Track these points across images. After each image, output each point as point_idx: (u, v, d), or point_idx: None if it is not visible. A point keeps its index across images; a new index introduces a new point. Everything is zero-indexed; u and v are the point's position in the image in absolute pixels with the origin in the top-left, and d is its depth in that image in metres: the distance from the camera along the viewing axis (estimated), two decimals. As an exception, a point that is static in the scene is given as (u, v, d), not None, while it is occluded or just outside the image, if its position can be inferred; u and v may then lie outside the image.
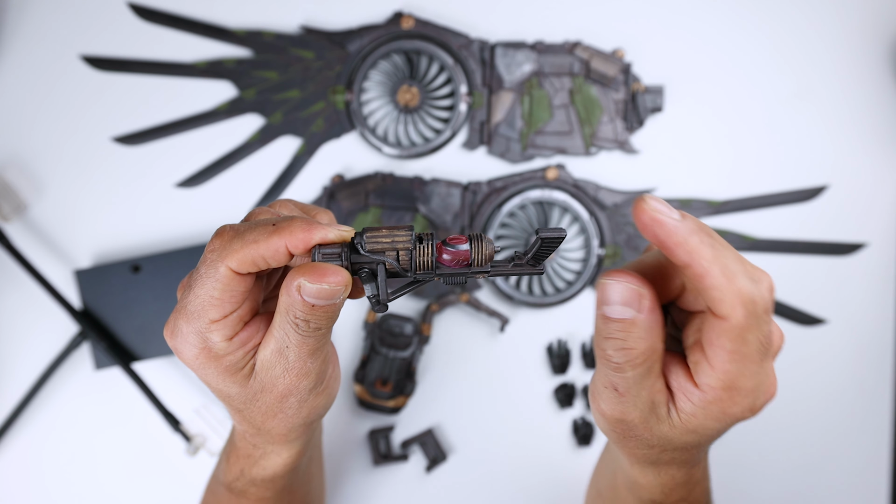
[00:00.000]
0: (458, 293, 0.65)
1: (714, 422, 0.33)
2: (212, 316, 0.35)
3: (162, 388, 0.65)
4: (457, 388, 0.66)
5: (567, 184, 0.65)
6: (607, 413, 0.35)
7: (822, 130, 0.66)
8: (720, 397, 0.32)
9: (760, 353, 0.32)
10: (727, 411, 0.33)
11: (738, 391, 0.32)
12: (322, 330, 0.35)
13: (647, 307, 0.32)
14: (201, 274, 0.35)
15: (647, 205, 0.31)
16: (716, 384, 0.32)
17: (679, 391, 0.34)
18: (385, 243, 0.34)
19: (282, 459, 0.43)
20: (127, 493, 0.66)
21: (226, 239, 0.35)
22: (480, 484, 0.66)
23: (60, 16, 0.67)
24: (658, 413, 0.34)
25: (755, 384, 0.32)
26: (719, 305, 0.30)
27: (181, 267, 0.65)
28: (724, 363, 0.31)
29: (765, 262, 0.66)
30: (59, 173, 0.67)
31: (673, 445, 0.36)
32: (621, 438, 0.37)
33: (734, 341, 0.31)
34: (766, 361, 0.32)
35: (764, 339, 0.32)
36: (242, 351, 0.36)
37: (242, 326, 0.36)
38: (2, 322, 0.66)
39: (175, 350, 0.36)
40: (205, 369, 0.36)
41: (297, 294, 0.34)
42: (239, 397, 0.38)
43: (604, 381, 0.34)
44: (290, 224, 0.34)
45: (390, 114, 0.67)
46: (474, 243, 0.35)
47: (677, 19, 0.67)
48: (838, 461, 0.66)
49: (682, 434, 0.34)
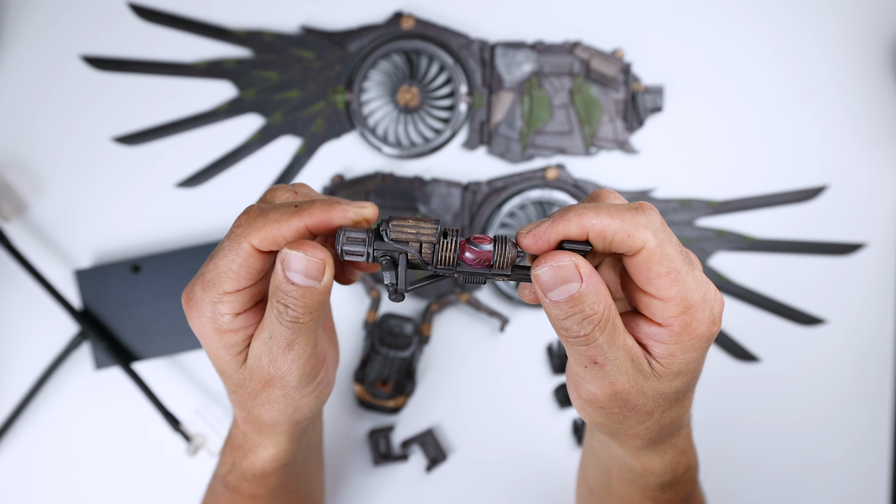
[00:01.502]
0: (458, 293, 0.65)
1: (690, 350, 0.35)
2: (226, 287, 0.36)
3: (162, 388, 0.65)
4: (457, 388, 0.66)
5: (567, 184, 0.65)
6: (598, 393, 0.36)
7: (822, 130, 0.66)
8: (683, 322, 0.34)
9: (686, 262, 0.34)
10: (695, 333, 0.35)
11: (693, 307, 0.34)
12: (300, 322, 0.36)
13: (586, 273, 0.34)
14: (223, 247, 0.36)
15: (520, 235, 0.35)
16: (673, 311, 0.34)
17: (648, 339, 0.35)
18: (410, 234, 0.35)
19: (269, 454, 0.44)
20: (127, 493, 0.66)
21: (251, 216, 0.36)
22: (480, 484, 0.66)
23: (60, 16, 0.67)
24: (642, 368, 0.35)
25: (702, 294, 0.34)
26: (629, 242, 0.33)
27: (181, 267, 0.65)
28: (668, 287, 0.34)
29: (764, 262, 0.66)
30: (60, 173, 0.67)
31: (667, 399, 0.37)
32: (620, 421, 0.37)
33: (660, 262, 0.34)
34: (696, 270, 0.35)
35: (679, 247, 0.34)
36: (244, 333, 0.38)
37: (252, 305, 0.37)
38: (2, 322, 0.66)
39: (187, 315, 0.38)
40: (208, 340, 0.38)
41: (280, 268, 0.35)
42: (233, 377, 0.39)
43: (581, 361, 0.35)
44: (311, 206, 0.36)
45: (390, 114, 0.67)
46: (498, 245, 0.35)
47: (677, 20, 0.67)
48: (838, 461, 0.66)
49: (671, 380, 0.36)
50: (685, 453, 0.42)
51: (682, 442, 0.42)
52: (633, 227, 0.33)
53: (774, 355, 0.66)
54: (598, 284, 0.34)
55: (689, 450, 0.43)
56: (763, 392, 0.66)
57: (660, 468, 0.42)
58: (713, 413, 0.66)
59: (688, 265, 0.34)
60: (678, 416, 0.39)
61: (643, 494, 0.44)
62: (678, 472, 0.42)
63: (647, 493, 0.44)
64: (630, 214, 0.34)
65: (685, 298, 0.34)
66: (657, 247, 0.33)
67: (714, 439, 0.65)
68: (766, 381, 0.66)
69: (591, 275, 0.34)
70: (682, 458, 0.42)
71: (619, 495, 0.46)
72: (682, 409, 0.39)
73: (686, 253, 0.35)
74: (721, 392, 0.66)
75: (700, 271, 0.35)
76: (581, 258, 0.34)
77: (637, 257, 0.34)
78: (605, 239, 0.34)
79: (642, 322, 0.36)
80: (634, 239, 0.33)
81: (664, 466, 0.42)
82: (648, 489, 0.43)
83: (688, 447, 0.42)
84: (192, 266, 0.65)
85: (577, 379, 0.37)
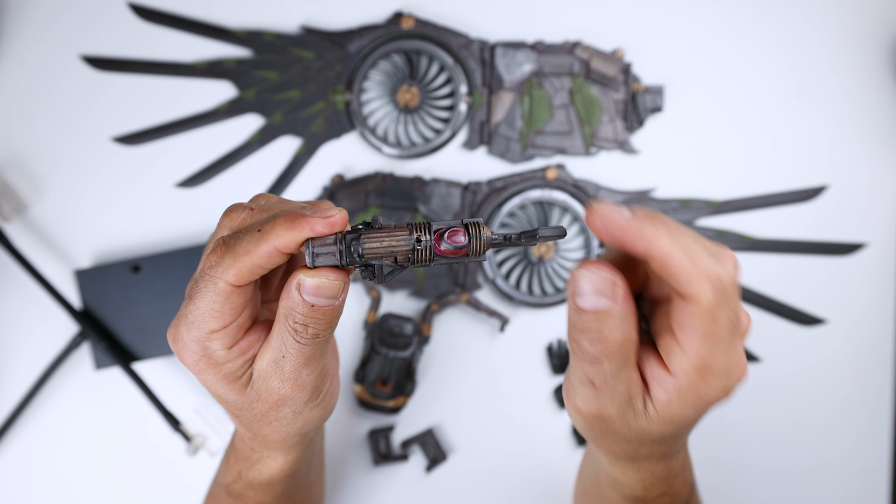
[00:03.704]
0: (458, 293, 0.65)
1: (690, 408, 0.33)
2: (212, 326, 0.35)
3: (162, 388, 0.65)
4: (457, 388, 0.66)
5: (567, 184, 0.65)
6: (584, 410, 0.35)
7: (822, 130, 0.66)
8: (694, 381, 0.32)
9: (731, 332, 0.31)
10: (702, 395, 0.33)
11: (712, 373, 0.32)
12: (320, 337, 0.35)
13: (621, 296, 0.32)
14: (200, 287, 0.35)
15: (596, 210, 0.31)
16: (688, 368, 0.32)
17: (653, 380, 0.33)
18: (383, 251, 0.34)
19: (277, 465, 0.44)
20: (127, 493, 0.66)
21: (219, 255, 0.34)
22: (480, 484, 0.66)
23: (60, 16, 0.67)
24: (635, 406, 0.34)
25: (727, 365, 0.32)
26: (686, 287, 0.30)
27: (181, 267, 0.65)
28: (696, 345, 0.31)
29: (765, 262, 0.66)
30: (60, 173, 0.67)
31: (651, 438, 0.36)
32: (598, 435, 0.36)
33: (704, 321, 0.31)
34: (737, 340, 0.32)
35: (734, 316, 0.31)
36: (242, 359, 0.37)
37: (243, 335, 0.36)
38: (2, 322, 0.66)
39: (177, 355, 0.36)
40: (204, 374, 0.37)
41: (297, 293, 0.34)
42: (236, 403, 0.38)
43: (580, 377, 0.34)
44: (273, 226, 0.33)
45: (390, 114, 0.67)
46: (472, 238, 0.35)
47: (677, 19, 0.67)
48: (838, 461, 0.66)
49: (660, 426, 0.34)
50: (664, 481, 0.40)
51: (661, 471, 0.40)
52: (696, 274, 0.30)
53: (774, 355, 0.66)
54: (627, 314, 0.32)
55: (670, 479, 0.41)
56: (763, 392, 0.66)
57: (631, 483, 0.40)
58: (712, 413, 0.66)
59: (731, 335, 0.31)
60: (659, 451, 0.38)
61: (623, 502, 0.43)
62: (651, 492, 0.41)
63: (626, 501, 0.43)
64: (703, 258, 0.30)
65: (708, 363, 0.32)
66: (710, 308, 0.30)
67: (714, 439, 0.65)
68: (766, 382, 0.66)
69: (625, 300, 0.32)
70: (657, 483, 0.40)
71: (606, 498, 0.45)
72: (665, 447, 0.37)
73: (736, 320, 0.32)
74: (721, 392, 0.66)
75: (741, 343, 0.33)
76: (623, 281, 0.32)
77: (685, 303, 0.31)
78: (663, 269, 0.31)
79: (653, 361, 0.34)
80: (692, 287, 0.30)
81: (635, 482, 0.40)
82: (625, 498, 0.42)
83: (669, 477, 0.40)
84: (192, 266, 0.65)
85: (569, 387, 0.36)
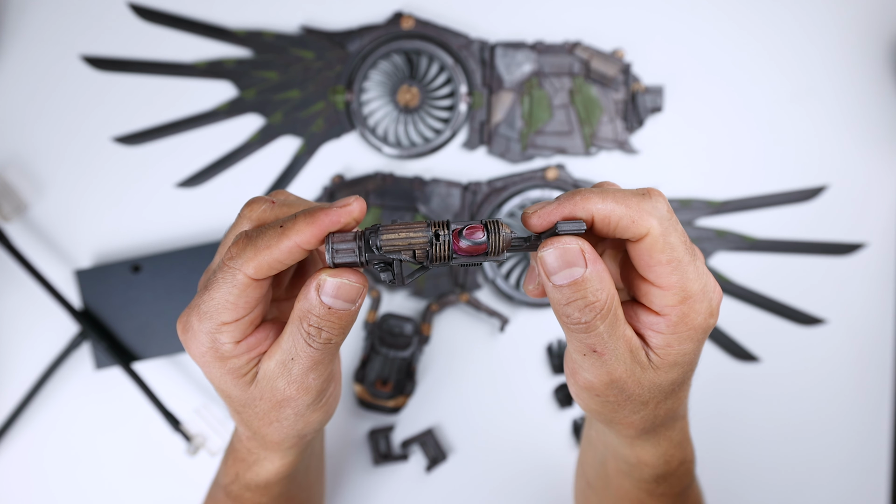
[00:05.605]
0: (458, 293, 0.65)
1: (687, 342, 0.35)
2: (224, 318, 0.35)
3: (162, 388, 0.65)
4: (457, 388, 0.66)
5: (567, 184, 0.65)
6: (595, 381, 0.36)
7: (822, 131, 0.66)
8: (680, 312, 0.34)
9: (689, 252, 0.34)
10: (692, 324, 0.35)
11: (692, 297, 0.34)
12: (332, 343, 0.36)
13: (591, 258, 0.33)
14: (217, 278, 0.35)
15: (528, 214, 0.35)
16: (671, 300, 0.34)
17: (646, 329, 0.35)
18: (401, 244, 0.34)
19: (275, 467, 0.44)
20: (127, 493, 0.66)
21: (240, 247, 0.35)
22: (480, 484, 0.66)
23: (61, 16, 0.67)
24: (639, 359, 0.35)
25: (701, 285, 0.34)
26: (633, 228, 0.33)
27: (181, 267, 0.65)
28: (668, 275, 0.34)
29: (764, 262, 0.66)
30: (60, 173, 0.67)
31: (663, 390, 0.37)
32: (615, 409, 0.37)
33: (662, 249, 0.34)
34: (698, 260, 0.35)
35: (683, 237, 0.34)
36: (248, 356, 0.37)
37: (252, 330, 0.37)
38: (2, 322, 0.66)
39: (185, 344, 0.37)
40: (210, 367, 0.37)
41: (315, 294, 0.34)
42: (238, 400, 0.38)
43: (580, 350, 0.35)
44: (295, 222, 0.34)
45: (390, 114, 0.67)
46: (492, 236, 0.35)
47: (677, 20, 0.67)
48: (838, 461, 0.66)
49: (667, 371, 0.36)
50: (680, 446, 0.42)
51: (677, 435, 0.41)
52: (638, 213, 0.33)
53: (774, 355, 0.66)
54: (602, 272, 0.33)
55: (684, 443, 0.43)
56: (763, 392, 0.66)
57: (653, 459, 0.42)
58: (713, 413, 0.66)
59: (690, 255, 0.34)
60: (673, 407, 0.39)
61: (638, 487, 0.44)
62: (672, 464, 0.42)
63: (642, 485, 0.44)
64: (636, 200, 0.33)
65: (684, 288, 0.34)
66: (661, 234, 0.33)
67: (713, 439, 0.65)
68: (765, 381, 0.66)
69: (595, 261, 0.33)
70: (676, 451, 0.42)
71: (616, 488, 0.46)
72: (678, 400, 0.39)
73: (687, 239, 0.35)
74: (721, 392, 0.66)
75: (702, 262, 0.35)
76: (587, 244, 0.34)
77: (640, 244, 0.34)
78: (610, 224, 0.33)
79: (641, 311, 0.36)
80: (639, 225, 0.33)
81: (658, 458, 0.42)
82: (643, 482, 0.43)
83: (683, 441, 0.42)
84: (193, 266, 0.65)
85: (574, 366, 0.37)
